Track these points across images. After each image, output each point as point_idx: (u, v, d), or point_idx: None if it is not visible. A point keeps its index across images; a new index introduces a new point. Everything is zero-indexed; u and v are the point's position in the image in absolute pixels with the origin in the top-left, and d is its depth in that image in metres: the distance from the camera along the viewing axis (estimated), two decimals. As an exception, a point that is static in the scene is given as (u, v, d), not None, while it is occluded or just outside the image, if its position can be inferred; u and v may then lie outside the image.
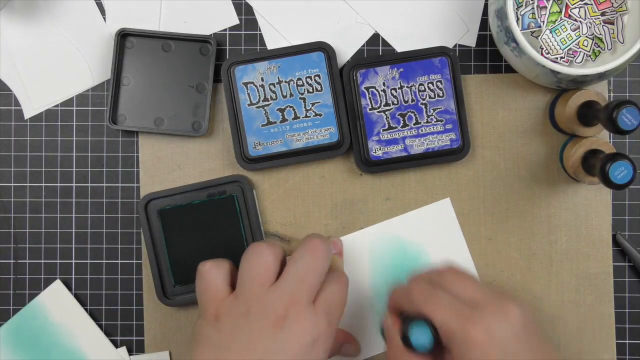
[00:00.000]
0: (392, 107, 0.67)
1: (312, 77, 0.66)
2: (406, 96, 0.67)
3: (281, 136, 0.66)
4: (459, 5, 0.69)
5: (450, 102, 0.66)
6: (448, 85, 0.66)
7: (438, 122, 0.66)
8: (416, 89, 0.67)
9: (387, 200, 0.69)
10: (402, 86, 0.67)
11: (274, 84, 0.66)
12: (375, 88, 0.66)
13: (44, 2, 0.69)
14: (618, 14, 0.65)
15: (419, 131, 0.66)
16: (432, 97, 0.66)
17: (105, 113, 0.69)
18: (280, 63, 0.66)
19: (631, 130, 0.58)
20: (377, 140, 0.66)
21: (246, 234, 0.67)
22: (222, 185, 0.67)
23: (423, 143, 0.67)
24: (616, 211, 0.69)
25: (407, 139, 0.67)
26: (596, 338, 0.69)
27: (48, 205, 0.69)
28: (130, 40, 0.68)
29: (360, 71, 0.66)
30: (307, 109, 0.66)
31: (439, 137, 0.67)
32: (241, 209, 0.67)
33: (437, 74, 0.66)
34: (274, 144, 0.66)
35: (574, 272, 0.69)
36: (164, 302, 0.67)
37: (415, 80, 0.66)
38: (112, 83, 0.67)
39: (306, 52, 0.66)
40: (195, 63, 0.68)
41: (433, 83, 0.66)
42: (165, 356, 0.69)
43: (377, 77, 0.66)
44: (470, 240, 0.69)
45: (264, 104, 0.66)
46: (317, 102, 0.66)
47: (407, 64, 0.66)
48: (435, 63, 0.66)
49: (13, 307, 0.69)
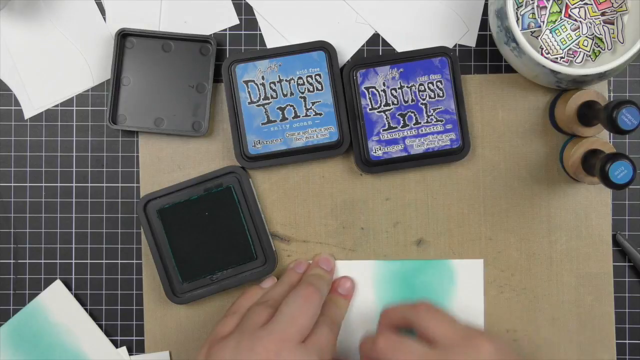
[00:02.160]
0: (392, 107, 0.67)
1: (313, 76, 0.66)
2: (406, 96, 0.67)
3: (281, 135, 0.66)
4: (459, 5, 0.69)
5: (450, 102, 0.66)
6: (448, 85, 0.66)
7: (438, 122, 0.66)
8: (416, 89, 0.67)
9: (387, 200, 0.69)
10: (402, 86, 0.66)
11: (275, 82, 0.66)
12: (375, 88, 0.66)
13: (44, 2, 0.69)
14: (618, 14, 0.65)
15: (419, 131, 0.66)
16: (432, 97, 0.66)
17: (105, 113, 0.69)
18: (282, 62, 0.66)
19: (631, 130, 0.58)
20: (377, 141, 0.66)
21: (247, 223, 0.67)
22: (219, 178, 0.67)
23: (423, 143, 0.67)
24: (616, 211, 0.69)
25: (407, 139, 0.67)
26: (596, 338, 0.69)
27: (48, 205, 0.69)
28: (130, 40, 0.68)
29: (360, 71, 0.66)
30: (308, 108, 0.66)
31: (439, 137, 0.67)
32: (239, 199, 0.67)
33: (437, 74, 0.66)
34: (274, 143, 0.66)
35: (574, 272, 0.69)
36: (174, 301, 0.67)
37: (415, 80, 0.66)
38: (112, 83, 0.67)
39: (307, 51, 0.66)
40: (195, 63, 0.68)
41: (433, 83, 0.66)
42: (165, 356, 0.69)
43: (377, 77, 0.66)
44: (470, 240, 0.69)
45: (265, 102, 0.66)
46: (318, 102, 0.66)
47: (407, 64, 0.66)
48: (435, 63, 0.66)
49: (13, 307, 0.69)
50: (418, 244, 0.69)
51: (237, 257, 0.67)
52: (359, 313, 0.69)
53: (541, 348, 0.69)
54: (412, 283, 0.69)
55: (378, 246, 0.69)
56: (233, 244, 0.67)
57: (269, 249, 0.67)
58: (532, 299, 0.69)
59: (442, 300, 0.68)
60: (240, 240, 0.67)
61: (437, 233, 0.69)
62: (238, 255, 0.67)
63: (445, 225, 0.69)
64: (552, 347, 0.69)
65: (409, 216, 0.69)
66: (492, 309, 0.69)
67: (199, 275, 0.67)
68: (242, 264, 0.67)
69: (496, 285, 0.69)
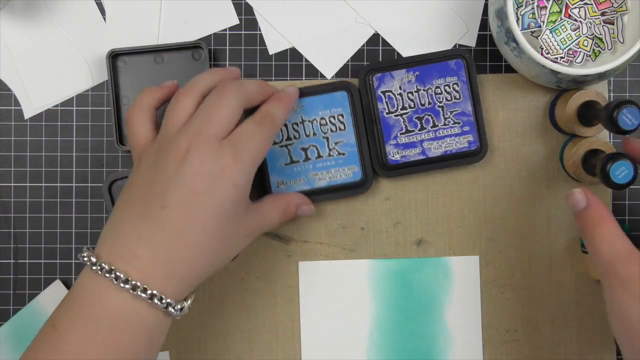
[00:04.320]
0: (409, 110, 0.66)
1: (336, 116, 0.66)
2: (423, 99, 0.66)
3: (304, 175, 0.66)
4: (459, 5, 0.69)
5: (467, 104, 0.66)
6: (464, 87, 0.66)
7: (455, 124, 0.66)
8: (433, 92, 0.66)
9: (387, 200, 0.69)
10: (419, 89, 0.66)
11: (297, 123, 0.66)
12: (391, 92, 0.66)
13: (44, 2, 0.69)
14: (618, 14, 0.65)
15: (436, 134, 0.66)
16: (448, 100, 0.66)
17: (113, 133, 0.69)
18: (303, 103, 0.66)
19: (632, 130, 0.58)
20: (394, 144, 0.66)
21: None
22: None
23: (441, 146, 0.67)
24: (616, 211, 0.69)
25: (425, 142, 0.66)
26: (596, 338, 0.69)
27: (48, 205, 0.69)
28: (122, 59, 0.68)
29: (376, 75, 0.66)
30: (331, 148, 0.66)
31: (456, 140, 0.67)
32: None
33: (454, 76, 0.66)
34: (297, 183, 0.66)
35: (574, 272, 0.69)
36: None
37: (432, 83, 0.66)
38: (113, 105, 0.67)
39: (330, 92, 0.66)
40: (190, 70, 0.68)
41: (449, 85, 0.66)
42: (165, 356, 0.69)
43: (393, 81, 0.66)
44: (470, 240, 0.69)
45: (287, 142, 0.66)
46: (340, 141, 0.66)
47: (423, 67, 0.66)
48: (451, 65, 0.66)
49: (13, 307, 0.69)
50: (418, 244, 0.69)
51: None
52: (353, 313, 0.69)
53: (541, 348, 0.69)
54: (409, 281, 0.69)
55: (378, 246, 0.69)
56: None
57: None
58: (532, 299, 0.69)
59: (440, 297, 0.69)
60: None
61: (437, 233, 0.69)
62: None
63: (445, 225, 0.69)
64: (552, 347, 0.69)
65: (409, 216, 0.69)
66: (492, 309, 0.69)
67: None
68: None
69: (496, 285, 0.69)
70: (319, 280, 0.69)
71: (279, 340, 0.69)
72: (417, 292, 0.69)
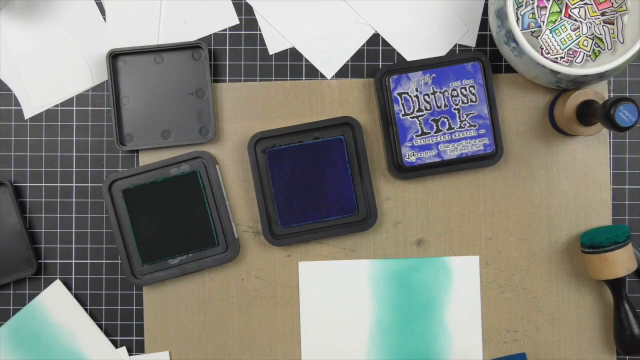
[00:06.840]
0: (426, 112, 0.66)
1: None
2: (439, 101, 0.66)
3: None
4: (459, 5, 0.69)
5: (483, 107, 0.66)
6: (481, 90, 0.66)
7: (471, 127, 0.66)
8: (449, 94, 0.66)
9: (387, 200, 0.69)
10: (435, 92, 0.66)
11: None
12: (408, 94, 0.66)
13: (44, 2, 0.69)
14: (618, 14, 0.65)
15: (452, 136, 0.66)
16: (465, 102, 0.66)
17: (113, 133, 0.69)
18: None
19: (629, 127, 0.57)
20: (410, 146, 0.66)
21: (211, 209, 0.67)
22: (185, 162, 0.67)
23: (457, 148, 0.66)
24: (616, 211, 0.69)
25: (441, 144, 0.66)
26: (596, 338, 0.69)
27: (48, 205, 0.69)
28: (122, 59, 0.68)
29: (392, 77, 0.66)
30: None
31: (472, 142, 0.66)
32: (204, 184, 0.67)
33: (470, 79, 0.66)
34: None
35: (574, 272, 0.69)
36: (133, 282, 0.67)
37: (448, 86, 0.66)
38: (113, 105, 0.67)
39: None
40: (190, 69, 0.68)
41: (466, 88, 0.66)
42: (165, 356, 0.69)
43: (410, 83, 0.66)
44: (470, 240, 0.69)
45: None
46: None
47: (439, 70, 0.66)
48: (468, 68, 0.66)
49: (13, 307, 0.69)
50: (418, 244, 0.69)
51: (198, 242, 0.67)
52: (354, 313, 0.69)
53: (541, 348, 0.69)
54: (409, 281, 0.69)
55: (378, 246, 0.69)
56: (195, 229, 0.67)
57: (231, 236, 0.67)
58: (532, 299, 0.69)
59: (440, 297, 0.68)
60: (203, 226, 0.67)
61: (437, 233, 0.69)
62: (200, 240, 0.67)
63: (445, 225, 0.69)
64: (552, 347, 0.69)
65: (409, 216, 0.69)
66: (492, 309, 0.69)
67: (159, 258, 0.67)
68: (203, 249, 0.68)
69: (496, 285, 0.69)
70: (319, 280, 0.69)
71: (279, 340, 0.69)
72: (417, 292, 0.69)
